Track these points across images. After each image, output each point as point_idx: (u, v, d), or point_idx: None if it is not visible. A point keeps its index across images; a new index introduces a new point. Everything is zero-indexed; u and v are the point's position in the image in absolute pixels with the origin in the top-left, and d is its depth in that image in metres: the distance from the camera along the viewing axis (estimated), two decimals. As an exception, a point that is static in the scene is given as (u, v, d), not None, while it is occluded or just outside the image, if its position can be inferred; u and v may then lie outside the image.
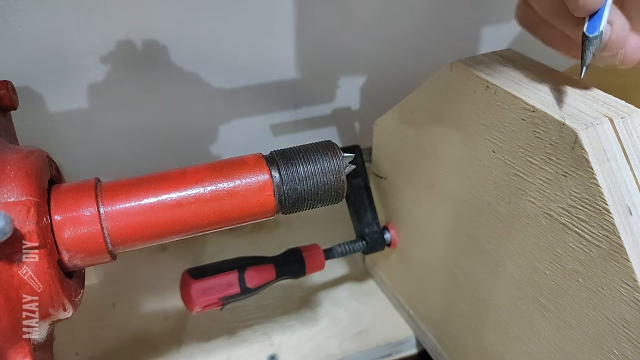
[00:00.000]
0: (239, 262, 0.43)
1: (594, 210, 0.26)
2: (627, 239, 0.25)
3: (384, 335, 0.51)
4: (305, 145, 0.30)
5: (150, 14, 0.48)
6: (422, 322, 0.48)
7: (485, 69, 0.32)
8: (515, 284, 0.33)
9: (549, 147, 0.28)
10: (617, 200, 0.25)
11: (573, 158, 0.26)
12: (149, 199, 0.27)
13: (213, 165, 0.29)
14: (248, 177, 0.28)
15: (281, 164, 0.29)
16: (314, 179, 0.29)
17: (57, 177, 0.29)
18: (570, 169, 0.27)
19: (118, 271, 0.57)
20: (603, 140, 0.26)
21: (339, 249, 0.47)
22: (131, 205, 0.27)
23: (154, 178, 0.28)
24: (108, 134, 0.54)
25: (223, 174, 0.28)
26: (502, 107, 0.30)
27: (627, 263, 0.25)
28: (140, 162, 0.57)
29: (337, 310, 0.53)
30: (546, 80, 0.30)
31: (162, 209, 0.27)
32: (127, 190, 0.27)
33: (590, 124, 0.26)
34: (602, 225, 0.26)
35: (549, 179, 0.28)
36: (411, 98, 0.40)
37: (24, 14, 0.44)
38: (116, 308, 0.53)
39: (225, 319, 0.52)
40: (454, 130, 0.35)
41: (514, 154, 0.30)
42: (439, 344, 0.46)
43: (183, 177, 0.28)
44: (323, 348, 0.50)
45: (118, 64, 0.50)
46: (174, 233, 0.28)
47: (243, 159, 0.29)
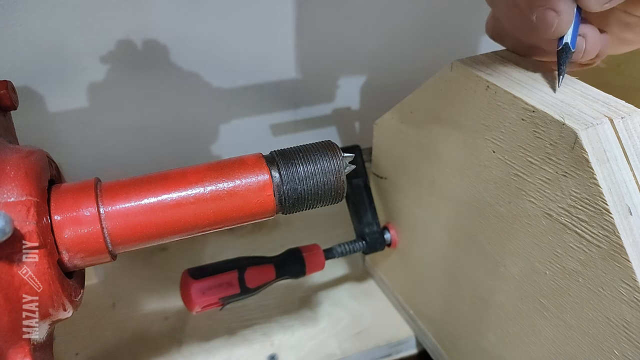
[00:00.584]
0: (239, 262, 0.43)
1: (594, 210, 0.26)
2: (627, 239, 0.25)
3: (384, 335, 0.51)
4: (305, 145, 0.30)
5: (150, 13, 0.48)
6: (422, 322, 0.48)
7: (486, 69, 0.32)
8: (515, 284, 0.33)
9: (549, 147, 0.28)
10: (617, 200, 0.25)
11: (573, 158, 0.26)
12: (149, 199, 0.27)
13: (213, 165, 0.29)
14: (248, 177, 0.28)
15: (281, 164, 0.29)
16: (314, 179, 0.29)
17: (57, 177, 0.29)
18: (570, 169, 0.27)
19: (118, 271, 0.57)
20: (603, 140, 0.26)
21: (339, 249, 0.47)
22: (131, 205, 0.27)
23: (154, 178, 0.28)
24: (108, 134, 0.54)
25: (223, 174, 0.28)
26: (503, 107, 0.30)
27: (627, 263, 0.25)
28: (140, 162, 0.57)
29: (337, 310, 0.53)
30: (546, 80, 0.30)
31: (162, 209, 0.27)
32: (127, 190, 0.27)
33: (590, 124, 0.26)
34: (602, 225, 0.26)
35: (549, 179, 0.28)
36: (411, 98, 0.40)
37: (24, 13, 0.44)
38: (116, 308, 0.53)
39: (225, 319, 0.52)
40: (454, 130, 0.35)
41: (514, 154, 0.30)
42: (439, 344, 0.46)
43: (183, 177, 0.28)
44: (323, 348, 0.50)
45: (118, 64, 0.50)
46: (174, 233, 0.28)
47: (243, 159, 0.29)
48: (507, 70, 0.32)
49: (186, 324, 0.51)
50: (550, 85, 0.30)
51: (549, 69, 0.32)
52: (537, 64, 0.33)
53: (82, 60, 0.49)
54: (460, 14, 0.61)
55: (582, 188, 0.26)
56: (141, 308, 0.53)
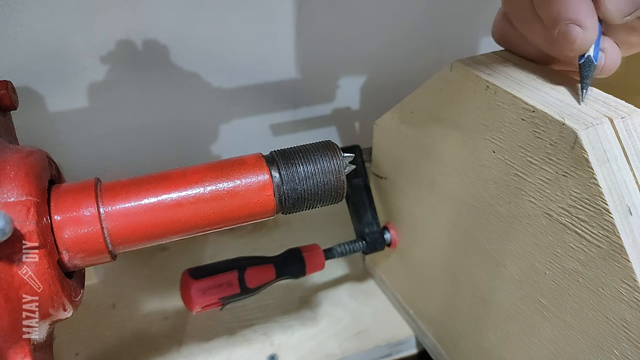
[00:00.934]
0: (239, 262, 0.43)
1: (594, 210, 0.26)
2: (627, 239, 0.25)
3: (384, 335, 0.51)
4: (305, 145, 0.30)
5: (150, 14, 0.48)
6: (422, 322, 0.48)
7: (485, 69, 0.32)
8: (515, 284, 0.33)
9: (549, 147, 0.28)
10: (617, 200, 0.25)
11: (573, 158, 0.26)
12: (149, 199, 0.27)
13: (213, 165, 0.29)
14: (248, 177, 0.28)
15: (281, 164, 0.29)
16: (314, 179, 0.29)
17: (57, 177, 0.29)
18: (570, 169, 0.27)
19: (118, 271, 0.57)
20: (603, 140, 0.26)
21: (339, 249, 0.47)
22: (131, 205, 0.27)
23: (154, 178, 0.28)
24: (108, 134, 0.54)
25: (223, 174, 0.28)
26: (502, 108, 0.30)
27: (627, 263, 0.25)
28: (140, 161, 0.57)
29: (337, 310, 0.53)
30: (546, 80, 0.30)
31: (162, 209, 0.27)
32: (127, 190, 0.27)
33: (590, 124, 0.26)
34: (602, 225, 0.26)
35: (549, 179, 0.28)
36: (411, 98, 0.40)
37: (24, 13, 0.44)
38: (116, 308, 0.53)
39: (225, 319, 0.52)
40: (454, 130, 0.35)
41: (514, 154, 0.30)
42: (439, 344, 0.46)
43: (183, 177, 0.28)
44: (323, 348, 0.50)
45: (118, 64, 0.50)
46: (174, 233, 0.28)
47: (243, 159, 0.29)
48: (506, 71, 0.32)
49: (186, 324, 0.51)
50: (550, 85, 0.30)
51: (549, 69, 0.32)
52: (537, 64, 0.33)
53: (82, 61, 0.49)
54: (460, 14, 0.61)
55: (582, 188, 0.26)
56: (141, 308, 0.53)
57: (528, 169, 0.29)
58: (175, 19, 0.49)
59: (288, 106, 0.60)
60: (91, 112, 0.52)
